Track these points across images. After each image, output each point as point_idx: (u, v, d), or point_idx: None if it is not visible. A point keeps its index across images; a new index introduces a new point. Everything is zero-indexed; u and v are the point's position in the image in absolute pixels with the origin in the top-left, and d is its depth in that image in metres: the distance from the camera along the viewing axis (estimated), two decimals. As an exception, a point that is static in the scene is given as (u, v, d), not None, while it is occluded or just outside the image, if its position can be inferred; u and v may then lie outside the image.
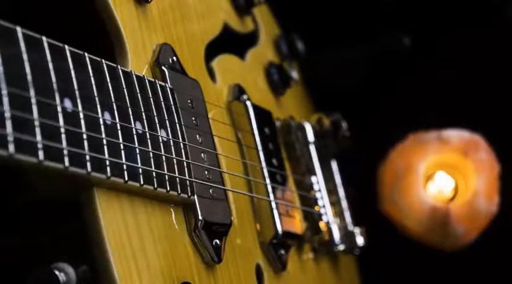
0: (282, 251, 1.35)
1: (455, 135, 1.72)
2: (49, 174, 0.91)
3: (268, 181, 1.34)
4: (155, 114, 1.09)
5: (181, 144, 1.13)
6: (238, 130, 1.35)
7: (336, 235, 1.51)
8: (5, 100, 0.84)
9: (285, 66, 1.61)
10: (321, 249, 1.52)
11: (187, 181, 1.12)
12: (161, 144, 1.08)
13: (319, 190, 1.52)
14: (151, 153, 1.05)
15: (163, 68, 1.17)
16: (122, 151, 1.00)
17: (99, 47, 1.08)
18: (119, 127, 1.01)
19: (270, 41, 1.61)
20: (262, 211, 1.33)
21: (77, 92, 0.95)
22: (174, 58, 1.21)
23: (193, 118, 1.19)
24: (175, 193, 1.09)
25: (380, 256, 1.75)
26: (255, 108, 1.38)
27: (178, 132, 1.14)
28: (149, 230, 1.06)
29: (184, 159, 1.12)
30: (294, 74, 1.66)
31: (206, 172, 1.17)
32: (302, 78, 1.73)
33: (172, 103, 1.14)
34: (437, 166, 1.72)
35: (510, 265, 1.85)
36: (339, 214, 1.56)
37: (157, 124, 1.09)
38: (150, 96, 1.10)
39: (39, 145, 0.87)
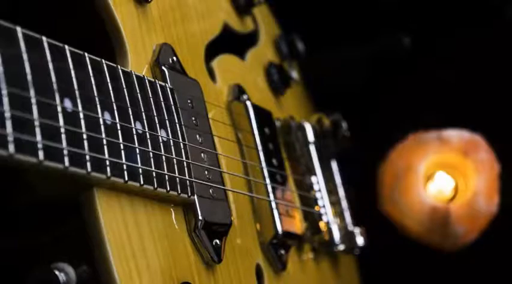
0: (282, 251, 1.35)
1: (455, 135, 1.72)
2: (49, 174, 0.91)
3: (268, 181, 1.34)
4: (155, 114, 1.09)
5: (181, 144, 1.13)
6: (238, 130, 1.35)
7: (336, 235, 1.51)
8: (5, 100, 0.84)
9: (285, 66, 1.61)
10: (321, 249, 1.52)
11: (187, 181, 1.12)
12: (161, 144, 1.08)
13: (319, 190, 1.51)
14: (151, 153, 1.05)
15: (163, 67, 1.17)
16: (122, 151, 1.00)
17: (99, 47, 1.08)
18: (118, 127, 1.01)
19: (270, 41, 1.61)
20: (262, 211, 1.33)
21: (77, 92, 0.95)
22: (174, 58, 1.21)
23: (193, 118, 1.19)
24: (175, 193, 1.09)
25: (380, 256, 1.75)
26: (255, 108, 1.38)
27: (178, 132, 1.13)
28: (149, 230, 1.06)
29: (184, 159, 1.12)
30: (294, 74, 1.66)
31: (206, 172, 1.17)
32: (302, 78, 1.73)
33: (172, 103, 1.14)
34: (437, 166, 1.72)
35: (510, 265, 1.84)
36: (339, 214, 1.56)
37: (157, 124, 1.09)
38: (150, 96, 1.10)
39: (39, 145, 0.87)
